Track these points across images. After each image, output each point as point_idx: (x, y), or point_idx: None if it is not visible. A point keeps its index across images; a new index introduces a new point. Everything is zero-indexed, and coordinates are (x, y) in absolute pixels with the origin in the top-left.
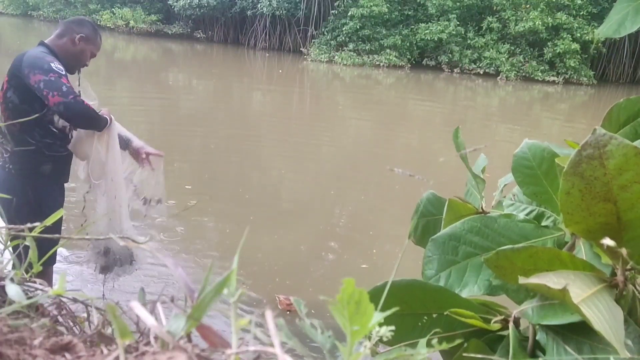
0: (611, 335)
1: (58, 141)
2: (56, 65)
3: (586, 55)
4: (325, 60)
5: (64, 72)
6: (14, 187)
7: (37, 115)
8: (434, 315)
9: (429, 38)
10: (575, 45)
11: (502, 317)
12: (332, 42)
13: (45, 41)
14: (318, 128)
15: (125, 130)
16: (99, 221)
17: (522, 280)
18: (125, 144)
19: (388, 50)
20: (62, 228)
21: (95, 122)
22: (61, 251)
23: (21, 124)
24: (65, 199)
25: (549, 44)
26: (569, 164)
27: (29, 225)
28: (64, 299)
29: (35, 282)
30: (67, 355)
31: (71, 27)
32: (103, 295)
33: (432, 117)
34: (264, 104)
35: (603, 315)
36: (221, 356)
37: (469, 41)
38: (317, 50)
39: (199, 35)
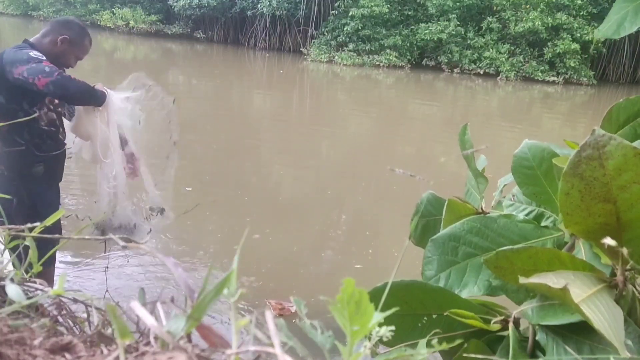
0: (611, 335)
1: (48, 140)
2: (35, 54)
3: (586, 56)
4: (326, 60)
5: (43, 57)
6: (8, 189)
7: (32, 116)
8: (434, 316)
9: (429, 38)
10: (575, 45)
11: (502, 317)
12: (332, 42)
13: (30, 39)
14: (318, 128)
15: (127, 130)
16: (101, 202)
17: (522, 280)
18: (123, 143)
19: (388, 51)
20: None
21: (90, 95)
22: (61, 251)
23: (9, 125)
24: (62, 197)
25: (549, 44)
26: (568, 164)
27: (28, 225)
28: (64, 299)
29: (35, 282)
30: (67, 355)
31: (56, 28)
32: (107, 290)
33: (431, 117)
34: (264, 104)
35: (603, 315)
36: (221, 356)
37: (468, 41)
38: (317, 50)
39: (199, 36)
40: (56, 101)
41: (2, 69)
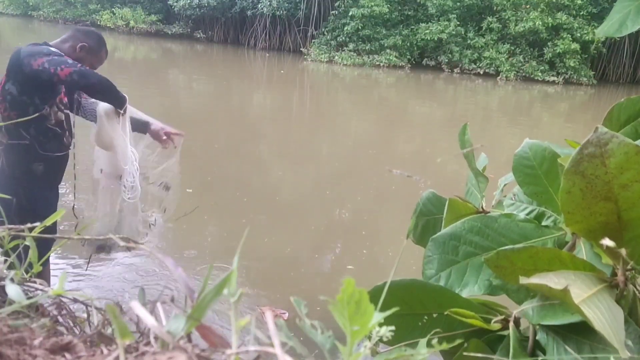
0: (612, 335)
1: (53, 140)
2: (54, 49)
3: (586, 55)
4: (326, 60)
5: (63, 54)
6: (6, 187)
7: (36, 114)
8: (434, 315)
9: (429, 38)
10: (575, 45)
11: (503, 317)
12: (332, 42)
13: (50, 43)
14: (318, 128)
15: (140, 113)
16: (108, 218)
17: (522, 280)
18: (143, 127)
19: (388, 50)
20: (60, 228)
21: (112, 91)
22: (62, 251)
23: (18, 117)
24: (61, 198)
25: (549, 44)
26: (570, 162)
27: (28, 225)
28: (64, 299)
29: (35, 282)
30: (67, 355)
31: (76, 35)
32: (107, 290)
33: (431, 117)
34: (264, 105)
35: (603, 316)
36: (221, 356)
37: (469, 41)
38: (317, 50)
39: (199, 36)
40: (65, 100)
41: (20, 62)
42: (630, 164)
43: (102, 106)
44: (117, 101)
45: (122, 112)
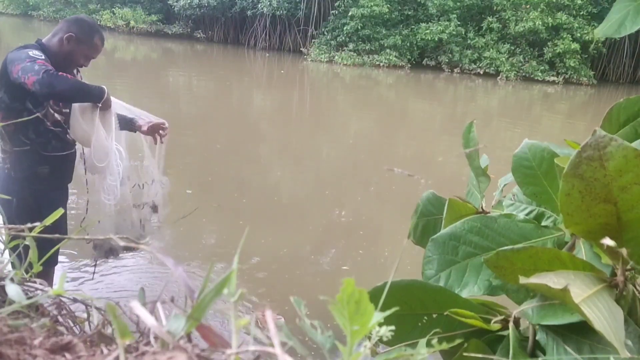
0: (611, 335)
1: (53, 140)
2: (33, 52)
3: (586, 55)
4: (326, 60)
5: (41, 57)
6: (13, 190)
7: (34, 115)
8: (434, 316)
9: (429, 38)
10: (575, 45)
11: (502, 317)
12: (332, 42)
13: (42, 40)
14: (318, 128)
15: (127, 107)
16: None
17: (522, 280)
18: (131, 125)
19: (388, 50)
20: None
21: (84, 92)
22: (62, 251)
23: (15, 124)
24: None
25: (549, 44)
26: (568, 165)
27: (29, 225)
28: (64, 299)
29: (35, 282)
30: (67, 355)
31: (65, 26)
32: (107, 290)
33: (431, 117)
34: (264, 105)
35: (603, 315)
36: (221, 356)
37: (469, 41)
38: (317, 50)
39: (199, 35)
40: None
41: (5, 69)
42: (630, 166)
43: None
44: (94, 99)
45: (99, 104)
